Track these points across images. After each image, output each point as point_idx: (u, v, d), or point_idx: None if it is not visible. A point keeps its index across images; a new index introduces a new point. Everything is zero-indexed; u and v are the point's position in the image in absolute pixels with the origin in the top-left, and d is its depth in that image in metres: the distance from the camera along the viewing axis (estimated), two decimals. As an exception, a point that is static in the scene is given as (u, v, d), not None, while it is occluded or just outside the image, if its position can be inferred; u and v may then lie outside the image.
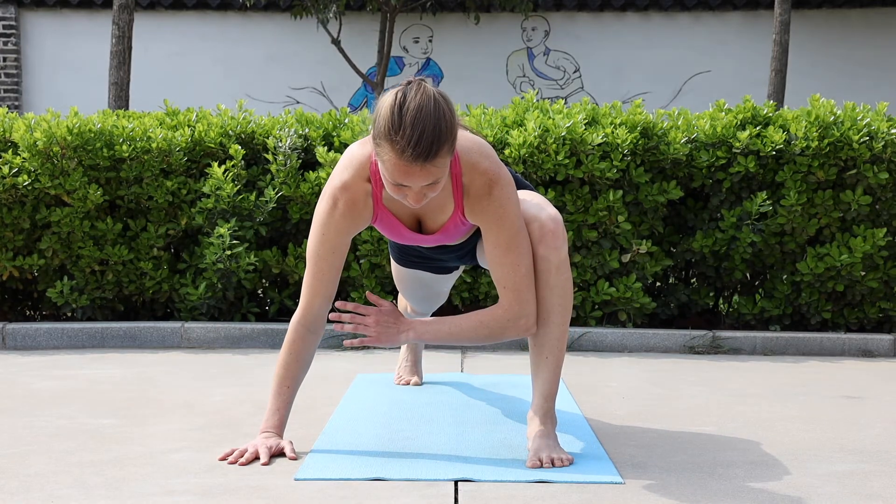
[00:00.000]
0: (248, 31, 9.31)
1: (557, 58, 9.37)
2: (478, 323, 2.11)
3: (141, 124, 4.37)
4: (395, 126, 1.84)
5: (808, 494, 1.86)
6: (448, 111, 1.88)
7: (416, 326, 2.13)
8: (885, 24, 9.15)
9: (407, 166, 1.86)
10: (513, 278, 2.07)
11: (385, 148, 1.87)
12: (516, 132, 4.13)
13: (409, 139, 1.83)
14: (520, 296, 2.08)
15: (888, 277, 4.26)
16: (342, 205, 2.08)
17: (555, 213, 2.12)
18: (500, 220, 2.05)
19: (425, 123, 1.83)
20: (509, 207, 2.05)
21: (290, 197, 4.29)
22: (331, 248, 2.12)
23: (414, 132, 1.82)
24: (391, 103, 1.87)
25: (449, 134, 1.87)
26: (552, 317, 2.10)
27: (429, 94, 1.87)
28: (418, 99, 1.85)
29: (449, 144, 1.88)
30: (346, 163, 2.10)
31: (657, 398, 2.96)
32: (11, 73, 9.23)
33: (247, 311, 4.36)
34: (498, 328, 2.10)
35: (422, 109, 1.84)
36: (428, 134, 1.83)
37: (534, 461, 2.02)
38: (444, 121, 1.86)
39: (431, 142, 1.84)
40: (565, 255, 2.10)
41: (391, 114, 1.86)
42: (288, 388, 2.16)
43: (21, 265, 4.30)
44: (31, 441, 2.28)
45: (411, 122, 1.83)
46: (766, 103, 4.44)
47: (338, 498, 1.80)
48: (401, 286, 2.76)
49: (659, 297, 4.44)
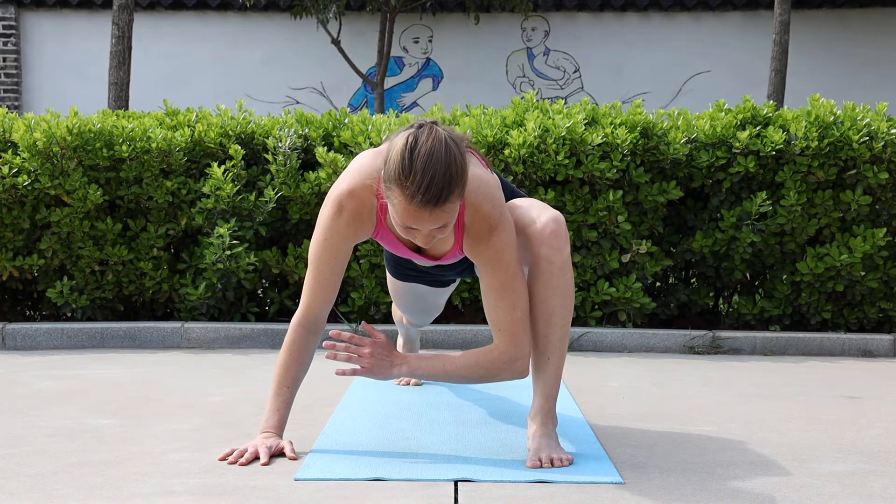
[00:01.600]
0: (248, 31, 9.31)
1: (557, 58, 9.37)
2: (473, 363, 2.10)
3: (141, 124, 4.37)
4: (405, 171, 1.84)
5: (808, 494, 1.86)
6: (458, 155, 1.87)
7: (410, 361, 2.11)
8: (885, 24, 9.15)
9: (417, 211, 1.86)
10: (508, 321, 2.07)
11: (395, 192, 1.87)
12: (516, 132, 4.13)
13: (419, 185, 1.83)
14: (515, 339, 2.08)
15: (888, 277, 4.26)
16: (347, 213, 2.07)
17: (557, 215, 2.12)
18: (497, 264, 2.05)
19: (436, 169, 1.83)
20: (506, 252, 2.05)
21: (289, 197, 4.29)
22: (333, 254, 2.11)
23: (424, 178, 1.82)
24: (402, 147, 1.86)
25: (459, 179, 1.87)
26: (554, 318, 2.10)
27: (440, 138, 1.86)
28: (429, 144, 1.85)
29: (459, 189, 1.88)
30: (356, 171, 2.08)
31: (657, 398, 2.96)
32: (11, 73, 9.23)
33: (247, 311, 4.37)
34: (493, 370, 2.09)
35: (432, 155, 1.83)
36: (438, 180, 1.83)
37: (534, 461, 2.02)
38: (455, 166, 1.86)
39: (441, 188, 1.83)
40: (567, 255, 2.10)
41: (402, 158, 1.85)
42: (288, 388, 2.16)
43: (21, 265, 4.30)
44: (31, 441, 2.28)
45: (422, 167, 1.82)
46: (766, 103, 4.44)
47: (338, 498, 1.80)
48: (397, 299, 2.76)
49: (659, 297, 4.44)
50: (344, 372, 2.10)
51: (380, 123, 4.38)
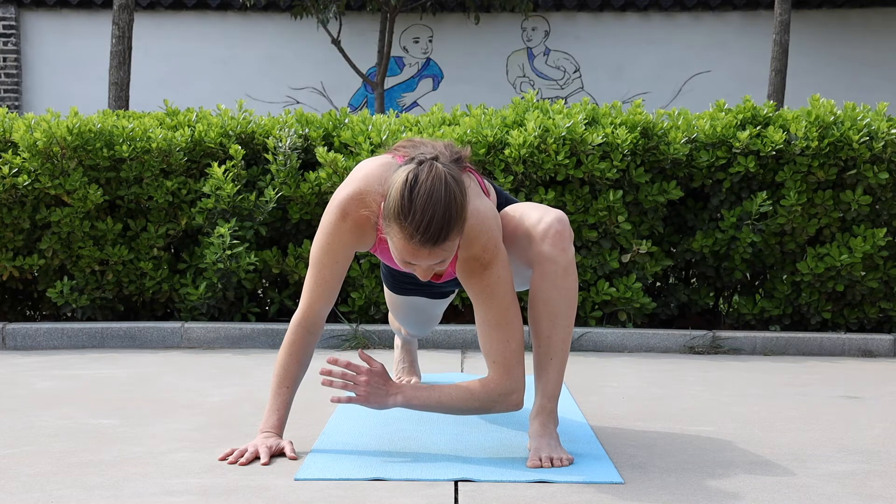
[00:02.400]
0: (248, 31, 9.31)
1: (557, 58, 9.37)
2: (468, 395, 2.09)
3: (141, 124, 4.37)
4: (404, 210, 1.84)
5: (808, 494, 1.86)
6: (458, 193, 1.87)
7: (406, 391, 2.10)
8: (885, 24, 9.15)
9: (415, 249, 1.87)
10: (503, 353, 2.06)
11: (394, 228, 1.87)
12: (516, 132, 4.13)
13: (419, 225, 1.83)
14: (510, 371, 2.07)
15: (888, 277, 4.26)
16: (351, 220, 2.05)
17: (561, 215, 2.11)
18: (490, 298, 2.05)
19: (435, 209, 1.83)
20: (500, 286, 2.04)
21: (290, 197, 4.29)
22: (334, 258, 2.11)
23: (423, 218, 1.82)
24: (402, 185, 1.85)
25: (459, 218, 1.87)
26: (558, 319, 2.10)
27: (440, 177, 1.85)
28: (429, 183, 1.84)
29: (458, 228, 1.88)
30: (362, 179, 2.06)
31: (657, 398, 2.96)
32: (11, 73, 9.23)
33: (247, 311, 4.36)
34: (488, 401, 2.09)
35: (432, 195, 1.83)
36: (438, 220, 1.83)
37: (534, 460, 2.02)
38: (455, 204, 1.85)
39: (441, 227, 1.84)
40: (572, 256, 2.10)
41: (401, 196, 1.84)
42: (287, 388, 2.15)
43: (21, 265, 4.30)
44: (31, 441, 2.28)
45: (421, 207, 1.82)
46: (766, 103, 4.44)
47: (338, 498, 1.80)
48: (395, 312, 2.75)
49: (659, 297, 4.44)
50: (339, 399, 2.08)
51: (380, 123, 4.38)
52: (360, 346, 4.10)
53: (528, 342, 4.07)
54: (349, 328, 4.15)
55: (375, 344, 4.12)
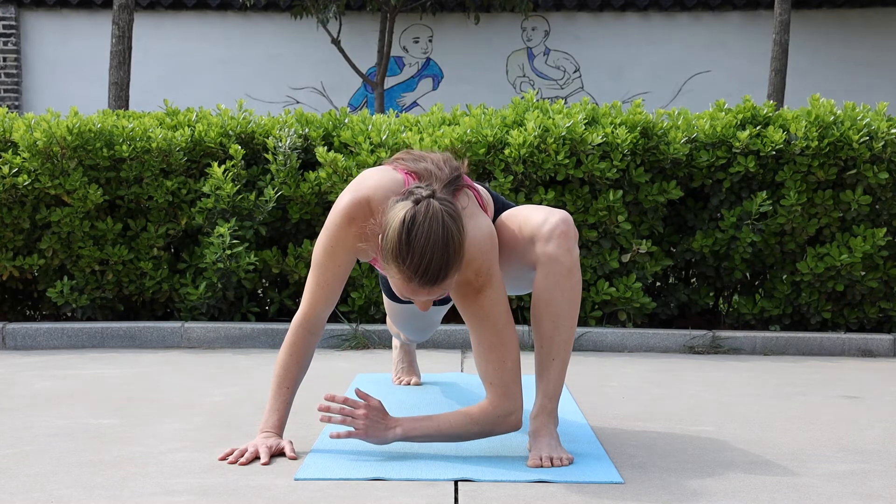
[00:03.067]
0: (248, 31, 9.31)
1: (557, 58, 9.37)
2: (467, 420, 2.08)
3: (141, 124, 4.37)
4: (402, 253, 1.83)
5: (808, 494, 1.86)
6: (456, 232, 1.86)
7: (405, 423, 2.09)
8: (885, 24, 9.15)
9: (415, 289, 1.87)
10: (499, 374, 2.06)
11: (392, 268, 1.87)
12: (516, 132, 4.13)
13: (416, 268, 1.83)
14: (508, 391, 2.06)
15: (888, 277, 4.26)
16: (356, 227, 2.04)
17: (566, 216, 2.11)
18: (484, 321, 2.05)
19: (433, 251, 1.82)
20: (494, 309, 2.04)
21: (290, 197, 4.29)
22: (337, 262, 2.10)
23: (422, 261, 1.82)
24: (399, 227, 1.84)
25: (457, 257, 1.87)
26: (561, 320, 2.09)
27: (437, 218, 1.83)
28: (427, 225, 1.82)
29: (457, 266, 1.88)
30: (371, 188, 2.04)
31: (657, 398, 2.96)
32: (11, 73, 9.23)
33: (247, 310, 4.36)
34: (488, 425, 2.08)
35: (430, 238, 1.82)
36: (436, 262, 1.83)
37: (535, 460, 2.02)
38: (453, 244, 1.84)
39: (439, 269, 1.84)
40: (577, 257, 2.09)
41: (398, 239, 1.83)
42: (288, 388, 2.15)
43: (21, 265, 4.30)
44: (31, 441, 2.28)
45: (420, 251, 1.82)
46: (766, 103, 4.44)
47: (338, 498, 1.80)
48: (394, 318, 2.75)
49: (659, 297, 4.44)
50: (339, 435, 2.07)
51: (380, 123, 4.38)
52: (360, 345, 4.10)
53: (529, 342, 4.07)
54: (349, 328, 4.15)
55: (375, 344, 4.12)
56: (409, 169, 2.07)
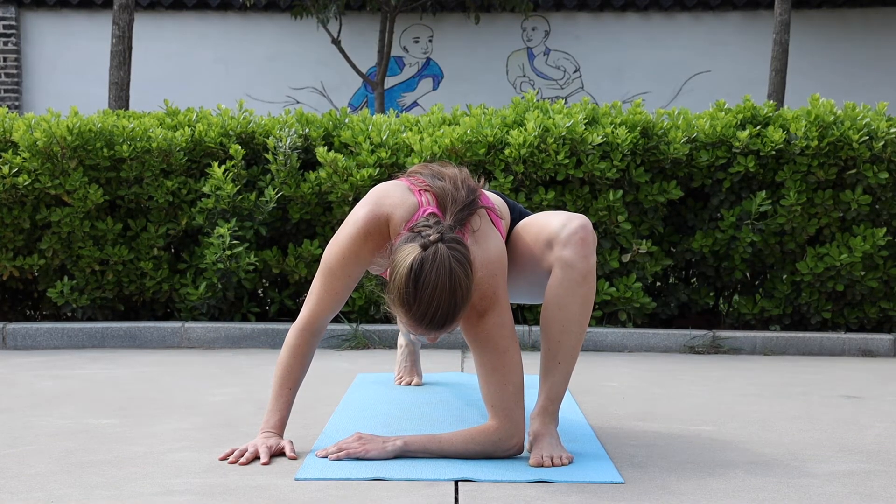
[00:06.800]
0: (248, 31, 9.31)
1: (557, 58, 9.37)
2: (469, 440, 2.07)
3: (141, 124, 4.37)
4: (409, 300, 1.83)
5: (808, 494, 1.86)
6: (464, 278, 1.84)
7: (405, 437, 2.09)
8: (885, 24, 9.15)
9: (422, 331, 1.89)
10: (501, 397, 2.05)
11: (400, 312, 1.88)
12: (516, 132, 4.13)
13: (424, 315, 1.84)
14: (509, 415, 2.05)
15: (888, 277, 4.26)
16: (372, 242, 2.04)
17: (585, 222, 2.10)
18: (486, 344, 2.04)
19: (440, 301, 1.82)
20: (496, 331, 2.03)
21: (290, 197, 4.29)
22: (348, 272, 2.09)
23: (428, 309, 1.83)
24: (406, 273, 1.82)
25: (464, 302, 1.87)
26: (571, 325, 2.08)
27: (445, 265, 1.82)
28: (434, 274, 1.81)
29: (464, 309, 1.88)
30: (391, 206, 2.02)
31: (657, 398, 2.96)
32: (11, 73, 9.23)
33: (247, 310, 4.37)
34: (489, 446, 2.07)
35: (437, 286, 1.81)
36: (443, 310, 1.83)
37: (535, 459, 2.02)
38: (460, 291, 1.84)
39: (447, 315, 1.84)
40: (593, 264, 2.08)
41: (406, 285, 1.83)
42: (289, 389, 2.15)
43: (21, 265, 4.30)
44: (31, 441, 2.28)
45: (427, 300, 1.82)
46: (766, 103, 4.44)
47: (338, 498, 1.80)
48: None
49: (659, 297, 4.44)
50: (339, 456, 2.04)
51: (380, 123, 4.38)
52: (360, 345, 4.10)
53: (529, 342, 4.07)
54: (349, 328, 4.15)
55: (375, 344, 4.12)
56: (426, 187, 2.05)
